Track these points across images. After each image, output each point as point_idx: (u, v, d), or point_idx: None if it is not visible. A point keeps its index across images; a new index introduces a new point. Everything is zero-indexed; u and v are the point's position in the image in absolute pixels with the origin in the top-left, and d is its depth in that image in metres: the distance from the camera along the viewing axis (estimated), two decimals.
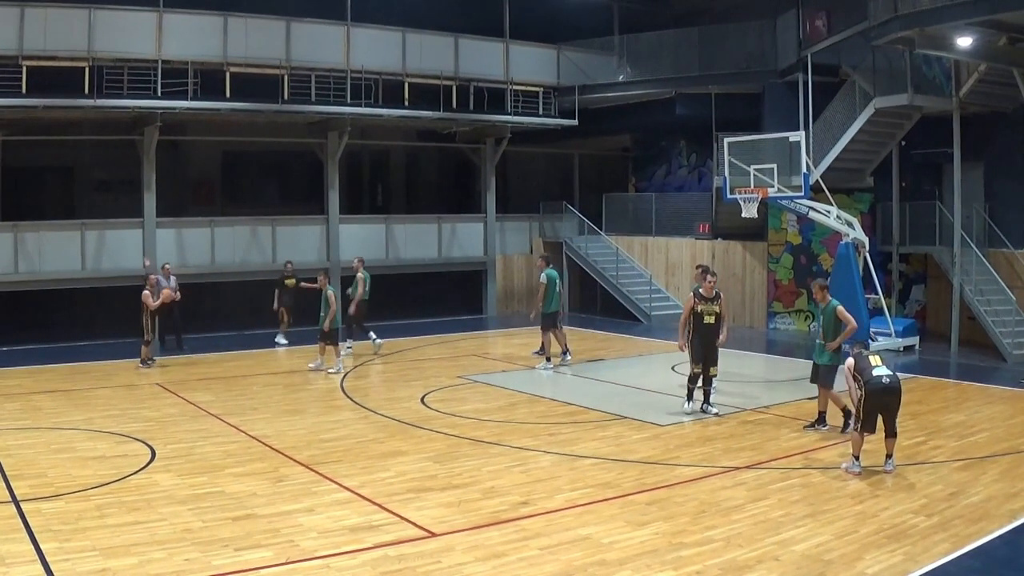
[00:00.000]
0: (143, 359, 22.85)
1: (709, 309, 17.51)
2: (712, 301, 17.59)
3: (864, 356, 13.65)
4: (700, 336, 17.50)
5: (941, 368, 23.60)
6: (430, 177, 40.55)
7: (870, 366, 13.37)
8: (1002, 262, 26.20)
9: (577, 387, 20.92)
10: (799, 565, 10.07)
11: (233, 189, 34.35)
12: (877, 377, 13.23)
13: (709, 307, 17.52)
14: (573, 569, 9.95)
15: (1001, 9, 20.86)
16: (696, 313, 17.53)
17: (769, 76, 31.63)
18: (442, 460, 14.36)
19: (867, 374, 13.27)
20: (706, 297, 17.58)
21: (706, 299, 17.57)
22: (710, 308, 17.52)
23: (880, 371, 13.31)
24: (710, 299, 17.59)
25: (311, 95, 29.17)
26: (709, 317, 17.47)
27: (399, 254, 33.25)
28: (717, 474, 13.58)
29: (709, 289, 17.65)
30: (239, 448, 15.04)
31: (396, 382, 21.51)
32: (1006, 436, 16.00)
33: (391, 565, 9.98)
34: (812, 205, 26.01)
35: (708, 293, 17.61)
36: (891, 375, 13.36)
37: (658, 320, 31.95)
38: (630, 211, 37.06)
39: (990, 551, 10.56)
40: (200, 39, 27.49)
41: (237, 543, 10.54)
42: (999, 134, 27.03)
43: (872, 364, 13.41)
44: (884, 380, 13.26)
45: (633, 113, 36.07)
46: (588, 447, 15.25)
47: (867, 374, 13.27)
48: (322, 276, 22.94)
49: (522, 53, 33.97)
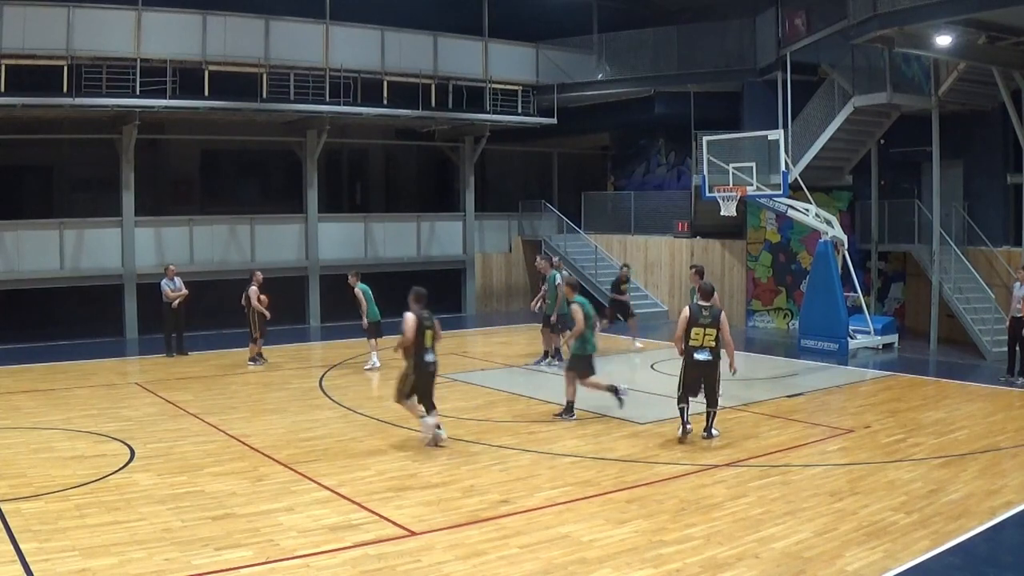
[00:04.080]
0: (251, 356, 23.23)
1: (701, 331, 15.16)
2: (708, 319, 15.15)
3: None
4: (687, 367, 15.42)
5: (920, 366, 23.67)
6: (409, 176, 40.54)
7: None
8: (981, 260, 26.26)
9: (556, 385, 20.80)
10: (779, 563, 10.05)
11: (212, 188, 34.29)
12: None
13: (702, 329, 15.14)
14: (553, 567, 9.92)
15: (981, 8, 20.92)
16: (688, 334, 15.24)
17: (748, 75, 31.73)
18: (421, 459, 14.32)
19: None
20: (702, 309, 15.20)
21: (702, 315, 15.14)
22: (702, 330, 15.15)
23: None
24: (708, 318, 15.12)
25: (290, 94, 29.11)
26: (697, 339, 15.21)
27: (378, 253, 33.23)
28: (696, 472, 13.57)
29: (706, 295, 15.45)
30: (218, 447, 14.99)
31: (375, 381, 21.45)
32: (986, 433, 16.04)
33: (371, 564, 9.93)
34: (791, 203, 26.07)
35: (705, 300, 15.33)
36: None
37: (637, 319, 31.79)
38: (609, 210, 37.15)
39: (971, 548, 10.57)
40: (179, 37, 27.43)
41: (217, 542, 10.49)
42: (978, 132, 27.09)
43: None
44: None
45: (612, 112, 36.12)
46: (567, 445, 15.22)
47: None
48: (353, 275, 22.76)
49: (501, 52, 33.97)
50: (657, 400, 18.13)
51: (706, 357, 15.18)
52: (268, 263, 28.84)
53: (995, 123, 26.31)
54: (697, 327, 15.13)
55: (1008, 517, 11.58)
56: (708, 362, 15.22)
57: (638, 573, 9.81)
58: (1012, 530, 11.30)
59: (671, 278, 33.34)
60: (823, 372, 22.70)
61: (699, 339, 15.14)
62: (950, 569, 10.01)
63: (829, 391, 20.55)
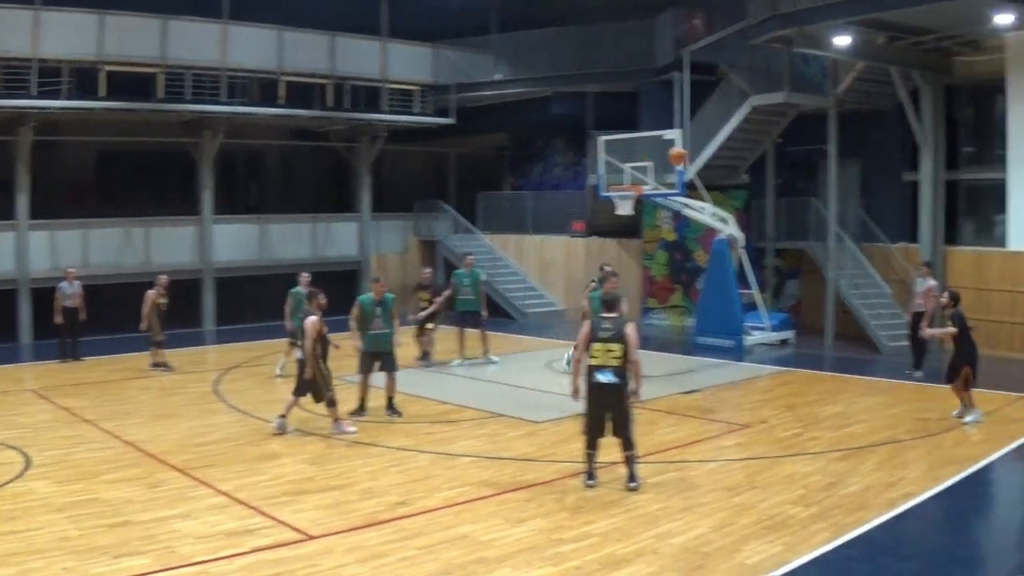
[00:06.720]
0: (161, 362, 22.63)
1: (603, 347, 12.44)
2: (611, 331, 12.47)
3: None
4: (589, 395, 12.70)
5: (817, 361, 23.89)
6: (305, 176, 40.01)
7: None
8: (878, 256, 26.64)
9: (453, 385, 20.68)
10: (678, 558, 10.00)
11: (108, 190, 33.53)
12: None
13: (604, 344, 12.43)
14: (453, 568, 9.82)
15: (880, 8, 21.12)
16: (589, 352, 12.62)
17: (646, 75, 31.79)
18: (318, 462, 14.12)
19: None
20: (603, 320, 12.61)
21: (603, 328, 12.51)
22: (604, 346, 12.44)
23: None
24: (610, 330, 12.46)
25: (186, 94, 28.63)
26: (597, 357, 12.50)
27: (274, 254, 32.77)
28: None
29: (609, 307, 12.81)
30: (114, 454, 14.61)
31: (270, 384, 21.04)
32: (883, 426, 16.14)
33: (269, 569, 9.75)
34: (687, 202, 26.18)
35: (608, 312, 12.66)
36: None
37: (532, 318, 32.18)
38: (505, 209, 37.02)
39: (870, 539, 10.59)
40: (76, 37, 26.81)
41: (115, 550, 10.24)
42: (876, 131, 27.47)
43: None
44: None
45: (509, 112, 36.01)
46: (465, 445, 15.12)
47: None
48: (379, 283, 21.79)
49: (399, 52, 33.71)
50: (553, 399, 17.96)
51: (609, 379, 12.34)
52: (163, 266, 28.16)
53: (892, 122, 26.65)
54: (597, 343, 12.43)
55: (907, 508, 11.64)
56: (613, 386, 12.35)
57: (538, 572, 9.73)
58: (911, 521, 11.38)
59: (567, 278, 33.32)
60: (719, 369, 22.75)
61: (599, 357, 12.38)
62: (850, 561, 10.03)
63: (725, 387, 20.61)
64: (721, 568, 9.70)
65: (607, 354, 12.34)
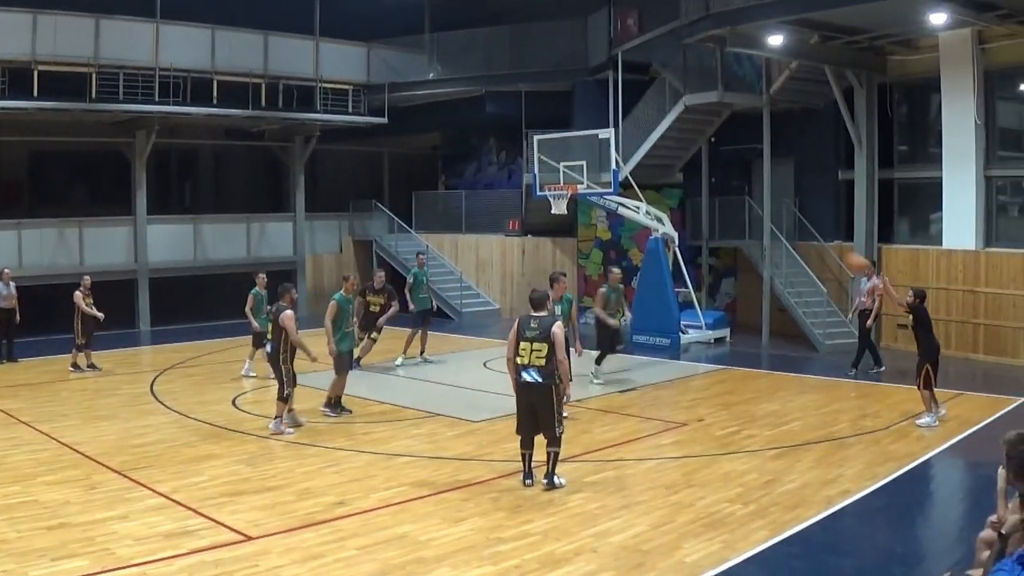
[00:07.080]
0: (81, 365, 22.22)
1: (528, 347, 12.46)
2: (537, 330, 12.45)
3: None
4: (516, 394, 12.83)
5: (753, 359, 24.01)
6: (239, 176, 39.65)
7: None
8: (812, 255, 26.80)
9: (391, 385, 20.59)
10: (617, 556, 9.98)
11: (41, 190, 33.18)
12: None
13: (529, 343, 12.45)
14: (391, 568, 9.76)
15: (813, 8, 21.26)
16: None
17: (580, 74, 31.86)
18: (255, 463, 13.99)
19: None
20: (530, 319, 12.61)
21: (529, 328, 12.54)
22: (529, 345, 12.45)
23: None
24: (535, 330, 12.46)
25: (119, 93, 28.25)
26: (523, 356, 12.54)
27: (207, 254, 32.46)
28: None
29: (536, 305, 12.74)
30: (51, 456, 14.39)
31: (206, 385, 20.77)
32: (820, 424, 16.24)
33: (208, 571, 9.65)
34: (621, 201, 26.22)
35: (536, 311, 12.63)
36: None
37: (469, 317, 32.09)
38: (440, 209, 36.96)
39: (808, 536, 10.63)
40: (8, 37, 26.40)
41: (53, 553, 10.10)
42: (810, 130, 27.64)
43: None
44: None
45: (443, 111, 35.89)
46: (402, 445, 15.03)
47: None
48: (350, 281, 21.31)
49: (332, 51, 33.51)
50: (491, 398, 18.02)
51: (533, 378, 12.35)
52: (97, 266, 28.06)
53: (827, 121, 26.88)
54: (524, 342, 12.42)
55: (845, 506, 11.70)
56: (536, 385, 12.34)
57: (476, 571, 9.69)
58: (849, 518, 11.42)
59: (503, 277, 33.33)
60: (655, 367, 22.79)
61: (525, 356, 12.38)
62: (788, 558, 10.06)
63: (661, 386, 20.66)
64: (660, 566, 9.69)
65: (532, 353, 12.34)
